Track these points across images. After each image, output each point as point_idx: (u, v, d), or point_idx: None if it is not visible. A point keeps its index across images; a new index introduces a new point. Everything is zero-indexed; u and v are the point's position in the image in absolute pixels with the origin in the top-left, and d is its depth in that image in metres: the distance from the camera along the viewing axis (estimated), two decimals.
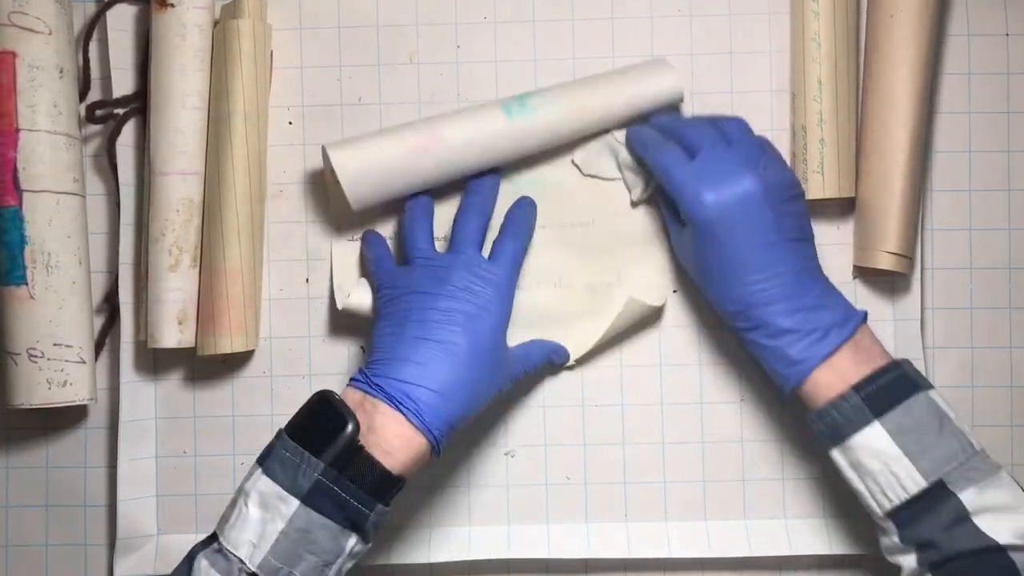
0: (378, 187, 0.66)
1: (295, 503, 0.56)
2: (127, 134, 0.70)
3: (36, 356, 0.65)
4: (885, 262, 0.67)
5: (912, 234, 0.68)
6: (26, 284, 0.65)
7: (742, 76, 0.71)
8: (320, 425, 0.58)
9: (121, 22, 0.70)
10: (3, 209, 0.65)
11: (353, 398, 0.60)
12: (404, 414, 0.59)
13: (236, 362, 0.72)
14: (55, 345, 0.66)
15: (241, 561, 0.56)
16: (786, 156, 0.70)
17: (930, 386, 0.60)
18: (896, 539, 0.59)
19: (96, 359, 0.70)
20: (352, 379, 0.61)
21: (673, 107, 0.70)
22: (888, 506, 0.59)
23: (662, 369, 0.71)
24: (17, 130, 0.65)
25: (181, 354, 0.71)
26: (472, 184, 0.69)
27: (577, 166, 0.71)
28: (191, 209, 0.68)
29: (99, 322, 0.71)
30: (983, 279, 0.72)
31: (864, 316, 0.62)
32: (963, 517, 0.57)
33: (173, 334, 0.68)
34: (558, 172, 0.71)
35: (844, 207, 0.70)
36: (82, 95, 0.70)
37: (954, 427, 0.59)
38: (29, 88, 0.65)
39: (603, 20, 0.71)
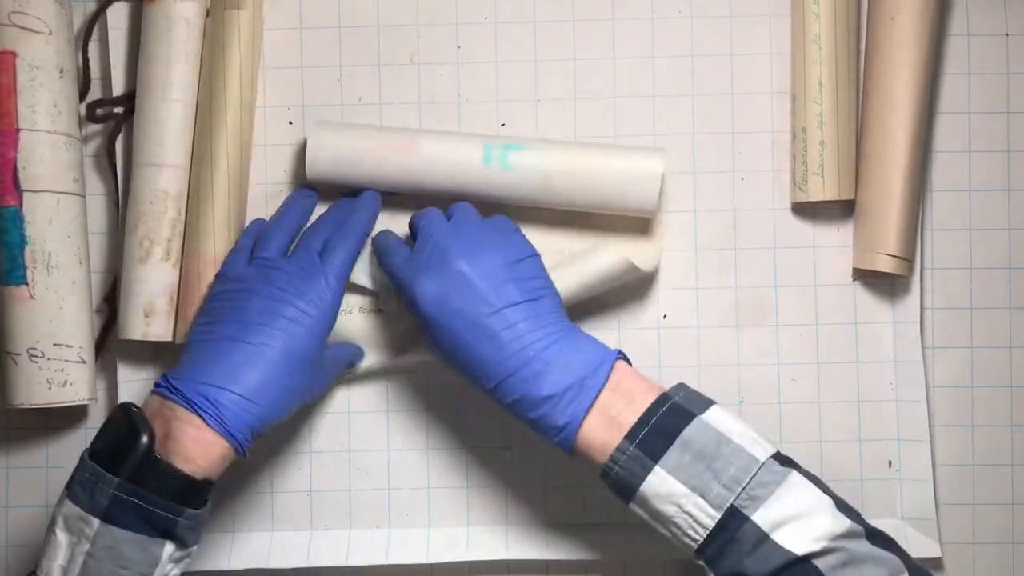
0: (336, 164, 0.67)
1: (96, 522, 0.56)
2: (128, 133, 0.70)
3: (36, 356, 0.65)
4: (885, 264, 0.67)
5: (912, 236, 0.68)
6: (26, 284, 0.65)
7: (742, 78, 0.71)
8: (116, 439, 0.57)
9: (119, 21, 0.70)
10: (3, 209, 0.65)
11: (152, 405, 0.59)
12: (203, 418, 0.57)
13: None
14: (55, 345, 0.66)
15: None
16: (786, 158, 0.70)
17: (708, 405, 0.58)
18: None
19: (96, 359, 0.70)
20: (156, 384, 0.60)
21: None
22: (695, 546, 0.56)
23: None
24: (17, 130, 0.65)
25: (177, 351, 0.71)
26: (343, 200, 0.69)
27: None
28: (165, 201, 0.67)
29: (99, 322, 0.71)
30: (983, 279, 0.72)
31: (616, 355, 0.60)
32: (762, 538, 0.55)
33: (139, 326, 0.67)
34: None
35: (844, 209, 0.70)
36: (82, 95, 0.70)
37: (734, 446, 0.56)
38: (29, 88, 0.65)
39: (604, 21, 0.71)
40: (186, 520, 0.57)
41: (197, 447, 0.57)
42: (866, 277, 0.71)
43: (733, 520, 0.55)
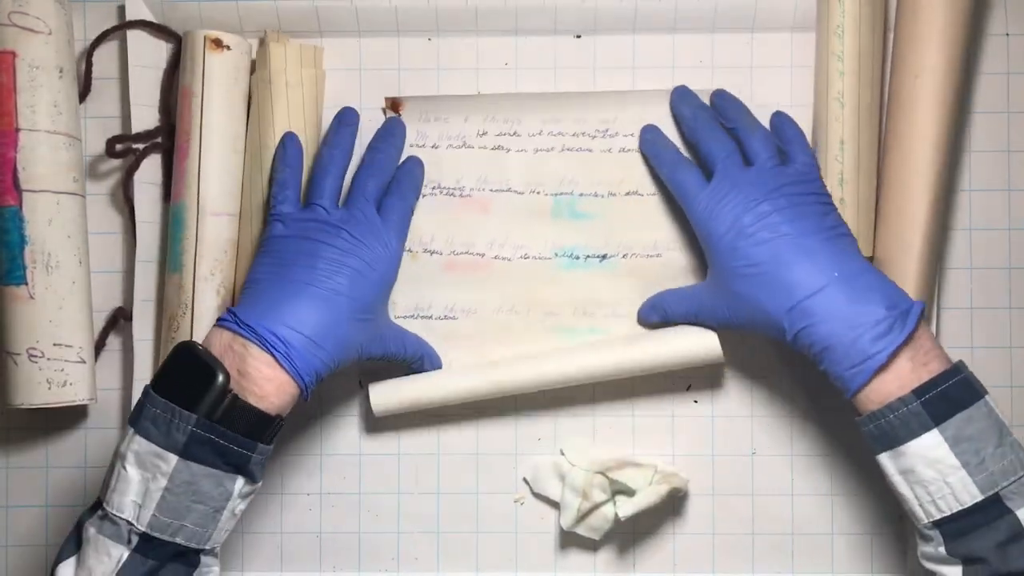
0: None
1: (173, 459, 0.56)
2: (144, 170, 0.70)
3: (36, 356, 0.65)
4: None
5: (930, 293, 0.67)
6: (26, 284, 0.65)
7: None
8: (188, 377, 0.57)
9: (141, 57, 0.70)
10: (3, 209, 0.65)
11: (221, 339, 0.59)
12: (275, 357, 0.58)
13: None
14: (55, 345, 0.66)
15: (129, 523, 0.56)
16: None
17: (986, 391, 0.58)
18: (941, 549, 0.57)
19: (96, 359, 0.70)
20: (220, 319, 0.60)
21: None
22: (937, 516, 0.57)
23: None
24: (17, 130, 0.65)
25: None
26: (376, 141, 0.69)
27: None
28: (233, 250, 0.69)
29: (99, 323, 0.71)
30: (983, 279, 0.72)
31: (922, 309, 0.59)
32: (1019, 535, 0.55)
33: None
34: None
35: None
36: (82, 96, 0.70)
37: (1012, 439, 0.57)
38: (29, 88, 0.65)
39: (625, 69, 0.71)
40: (258, 455, 0.58)
41: (270, 385, 0.58)
42: None
43: (994, 508, 0.56)
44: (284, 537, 0.72)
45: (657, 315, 0.69)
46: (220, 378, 0.57)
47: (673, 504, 0.71)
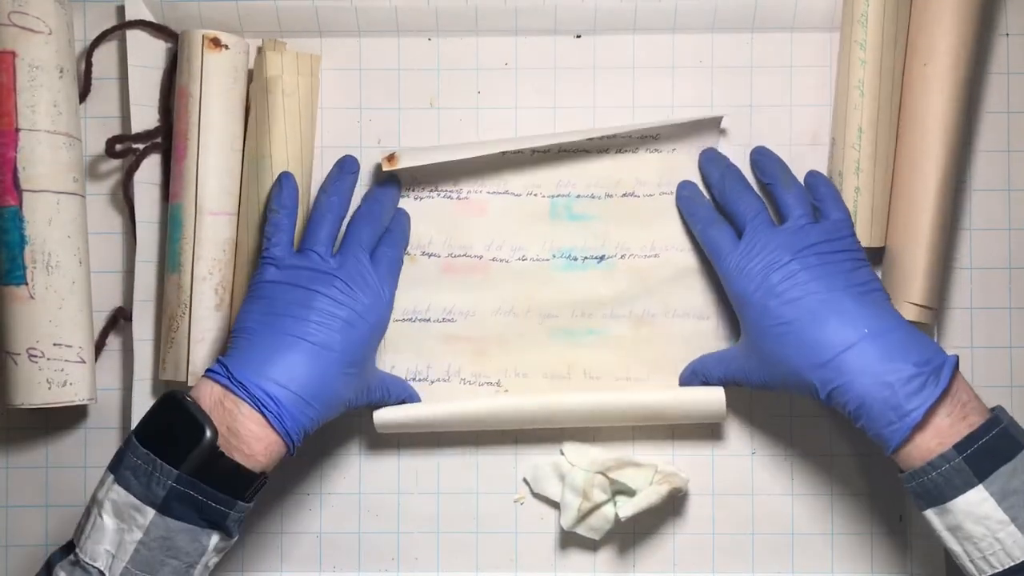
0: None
1: (151, 512, 0.55)
2: (144, 170, 0.70)
3: (36, 356, 0.65)
4: (909, 313, 0.65)
5: (937, 285, 0.67)
6: (26, 284, 0.65)
7: (783, 126, 0.71)
8: (175, 429, 0.57)
9: (140, 58, 0.70)
10: (3, 209, 0.65)
11: (212, 394, 0.58)
12: (266, 417, 0.58)
13: None
14: (55, 345, 0.66)
15: (101, 572, 0.55)
16: None
17: None
18: None
19: (96, 359, 0.70)
20: (210, 371, 0.59)
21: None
22: (989, 572, 0.56)
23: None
24: (17, 130, 0.65)
25: None
26: (374, 191, 0.69)
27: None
28: (232, 250, 0.68)
29: (99, 323, 0.71)
30: (983, 279, 0.72)
31: (956, 362, 0.58)
32: None
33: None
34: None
35: (872, 255, 0.68)
36: (82, 96, 0.70)
37: None
38: (29, 88, 0.65)
39: (625, 69, 0.71)
40: (236, 513, 0.58)
41: (259, 444, 0.58)
42: None
43: None
44: (284, 537, 0.72)
45: (698, 380, 0.69)
46: (209, 435, 0.56)
47: (673, 504, 0.71)
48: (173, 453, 0.56)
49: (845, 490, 0.71)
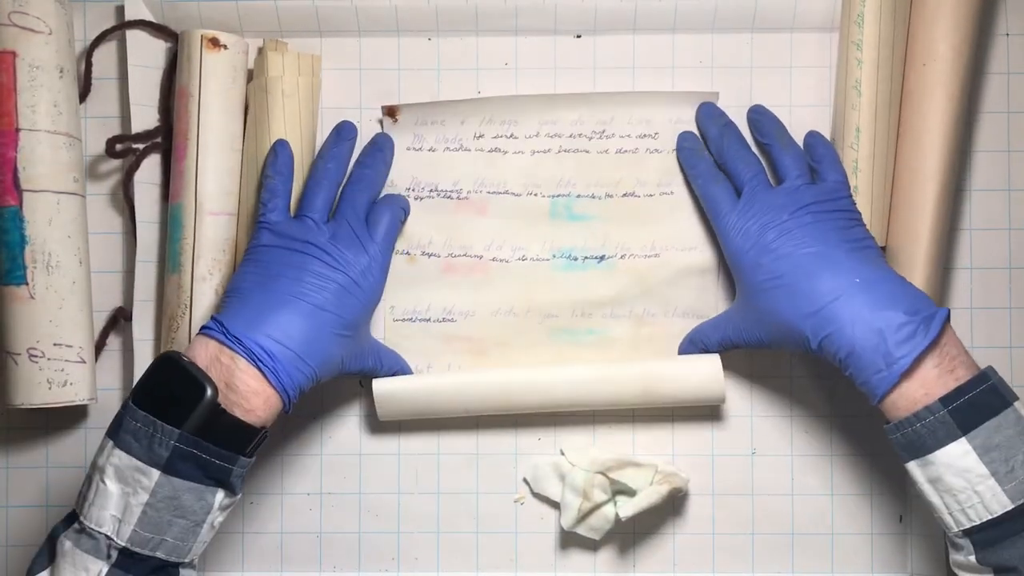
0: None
1: (156, 474, 0.55)
2: (144, 170, 0.70)
3: (36, 356, 0.65)
4: None
5: (937, 284, 0.67)
6: (26, 284, 0.65)
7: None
8: (173, 390, 0.56)
9: (140, 58, 0.70)
10: (3, 209, 0.65)
11: (207, 350, 0.58)
12: (262, 370, 0.58)
13: None
14: (55, 345, 0.66)
15: (108, 537, 0.55)
16: None
17: (1015, 397, 0.57)
18: (972, 558, 0.57)
19: (96, 359, 0.70)
20: (205, 328, 0.59)
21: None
22: (967, 524, 0.56)
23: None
24: (17, 130, 0.65)
25: None
26: (364, 156, 0.69)
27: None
28: (232, 250, 0.68)
29: (100, 323, 0.71)
30: (983, 279, 0.72)
31: (948, 314, 0.59)
32: None
33: None
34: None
35: None
36: (82, 96, 0.70)
37: None
38: (29, 88, 0.65)
39: (625, 69, 0.71)
40: (239, 468, 0.58)
41: (257, 399, 0.58)
42: None
43: None
44: (284, 537, 0.72)
45: (696, 348, 0.69)
46: (209, 393, 0.56)
47: (673, 504, 0.71)
48: (174, 413, 0.56)
49: (845, 490, 0.71)
